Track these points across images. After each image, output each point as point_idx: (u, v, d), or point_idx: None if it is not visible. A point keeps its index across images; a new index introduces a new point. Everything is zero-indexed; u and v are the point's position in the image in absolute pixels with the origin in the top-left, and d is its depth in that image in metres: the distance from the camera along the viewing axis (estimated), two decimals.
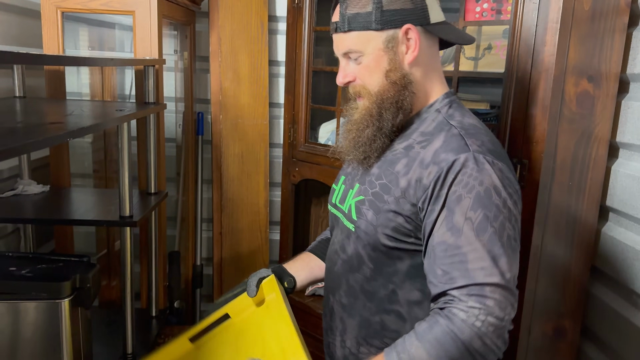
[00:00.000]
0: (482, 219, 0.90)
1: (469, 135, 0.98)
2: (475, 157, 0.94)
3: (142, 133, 1.72)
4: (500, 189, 0.92)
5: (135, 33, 1.68)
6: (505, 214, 0.92)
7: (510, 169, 0.97)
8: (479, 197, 0.91)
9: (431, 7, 1.03)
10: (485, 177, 0.92)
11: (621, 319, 1.35)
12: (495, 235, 0.90)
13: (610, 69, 1.35)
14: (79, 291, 1.24)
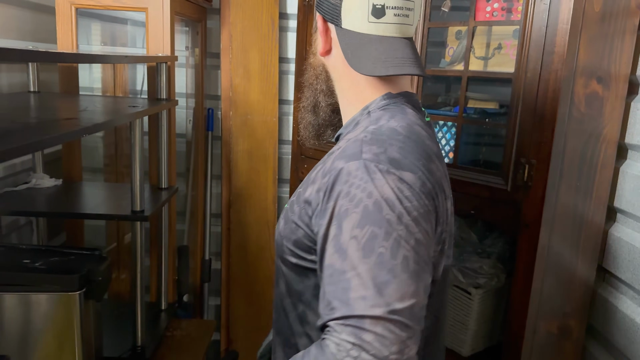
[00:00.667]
0: (369, 238, 0.74)
1: (372, 141, 0.82)
2: (366, 165, 0.78)
3: (153, 129, 1.74)
4: (394, 202, 0.76)
5: (148, 30, 1.70)
6: (401, 232, 0.75)
7: (420, 182, 0.79)
8: (367, 212, 0.75)
9: (348, 9, 0.88)
10: (375, 189, 0.76)
11: (627, 319, 1.36)
12: (384, 257, 0.73)
13: (620, 70, 1.35)
14: (91, 284, 1.26)
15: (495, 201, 1.44)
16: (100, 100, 1.62)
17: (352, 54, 0.88)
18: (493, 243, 1.72)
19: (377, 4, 0.86)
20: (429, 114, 1.70)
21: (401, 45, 0.88)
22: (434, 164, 0.84)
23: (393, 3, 0.86)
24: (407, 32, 0.89)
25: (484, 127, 1.64)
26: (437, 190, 0.82)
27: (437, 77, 1.93)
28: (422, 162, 0.82)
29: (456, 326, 1.62)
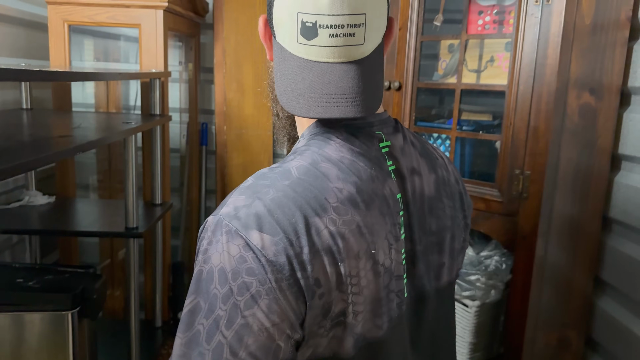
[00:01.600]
0: (192, 310, 0.63)
1: (247, 189, 0.67)
2: (218, 222, 0.64)
3: (147, 144, 1.73)
4: (227, 275, 0.61)
5: (141, 45, 1.70)
6: (222, 313, 0.61)
7: (275, 248, 0.62)
8: (199, 280, 0.64)
9: (278, 21, 0.69)
10: (215, 254, 0.63)
11: (625, 330, 1.35)
12: (199, 337, 0.62)
13: (612, 81, 1.36)
14: (85, 303, 1.25)
15: (491, 213, 1.44)
16: (94, 116, 1.61)
17: (280, 76, 0.71)
18: (490, 255, 1.71)
19: (307, 21, 0.66)
20: (425, 127, 1.71)
21: (337, 75, 0.68)
22: (326, 217, 0.65)
23: (328, 21, 0.65)
24: (351, 54, 0.68)
25: (478, 139, 1.65)
26: (311, 256, 0.63)
27: (431, 89, 1.94)
28: (296, 219, 0.63)
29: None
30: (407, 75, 1.62)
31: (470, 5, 1.51)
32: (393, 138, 0.76)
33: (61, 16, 1.69)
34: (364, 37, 0.68)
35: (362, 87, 0.68)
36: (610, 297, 1.46)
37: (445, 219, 0.81)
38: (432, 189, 0.79)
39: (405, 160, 0.76)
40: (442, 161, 0.85)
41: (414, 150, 0.79)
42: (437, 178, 0.81)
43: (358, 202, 0.67)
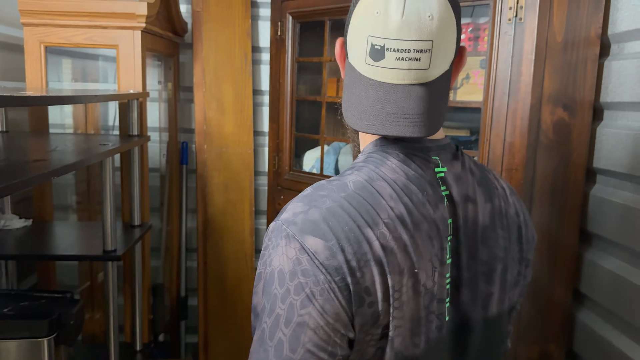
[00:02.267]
0: (260, 310, 0.69)
1: (304, 197, 0.73)
2: (278, 227, 0.70)
3: (125, 165, 1.72)
4: (285, 276, 0.67)
5: (119, 66, 1.69)
6: (281, 312, 0.66)
7: (328, 252, 0.67)
8: (264, 282, 0.70)
9: (351, 43, 0.75)
10: (275, 257, 0.69)
11: (604, 342, 1.37)
12: (264, 335, 0.67)
13: (584, 97, 1.39)
14: (62, 329, 1.23)
15: None
16: (71, 138, 1.60)
17: (348, 93, 0.76)
18: None
19: (376, 44, 0.70)
20: None
21: (399, 96, 0.71)
22: (378, 230, 0.69)
23: (395, 45, 0.69)
24: (415, 77, 0.71)
25: None
26: (362, 264, 0.67)
27: None
28: (350, 228, 0.68)
29: None
30: None
31: None
32: (450, 164, 0.79)
33: (37, 37, 1.68)
34: (430, 63, 0.71)
35: (422, 109, 0.71)
36: (589, 310, 1.48)
37: (497, 250, 0.81)
38: (486, 218, 0.80)
39: (460, 187, 0.78)
40: (503, 192, 0.85)
41: (472, 178, 0.80)
42: (493, 208, 0.82)
43: (407, 222, 0.71)
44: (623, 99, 1.34)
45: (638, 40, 1.31)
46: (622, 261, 1.34)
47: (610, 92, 1.39)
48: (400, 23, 0.69)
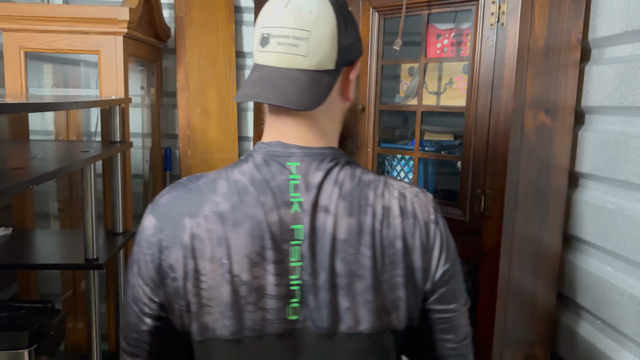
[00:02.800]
0: None
1: (177, 182, 0.87)
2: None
3: (108, 172, 1.70)
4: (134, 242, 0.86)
5: (101, 72, 1.68)
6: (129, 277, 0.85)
7: (152, 229, 0.80)
8: None
9: (254, 38, 0.87)
10: None
11: (588, 345, 1.38)
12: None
13: (566, 102, 1.41)
14: (43, 339, 1.20)
15: (455, 232, 1.45)
16: (52, 145, 1.57)
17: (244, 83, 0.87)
18: None
19: (264, 33, 0.83)
20: (388, 148, 1.72)
21: (277, 75, 0.81)
22: (195, 220, 0.79)
23: (277, 32, 0.81)
24: (292, 62, 0.81)
25: (441, 160, 1.67)
26: (171, 245, 0.79)
27: (393, 111, 1.97)
28: (175, 214, 0.80)
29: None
30: (369, 97, 1.64)
31: (428, 29, 1.54)
32: (309, 173, 0.83)
33: (17, 43, 1.66)
34: (307, 51, 0.81)
35: (292, 87, 0.81)
36: (573, 313, 1.49)
37: (356, 266, 0.81)
38: (343, 232, 0.81)
39: (313, 196, 0.82)
40: (383, 212, 0.83)
41: (335, 190, 0.82)
42: (358, 224, 0.82)
43: (228, 218, 0.79)
44: (603, 103, 1.35)
45: (618, 45, 1.33)
46: (605, 264, 1.36)
47: (591, 96, 1.40)
48: (282, 12, 0.81)
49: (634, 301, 1.21)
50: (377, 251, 0.82)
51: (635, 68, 1.24)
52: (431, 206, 0.87)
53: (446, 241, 0.87)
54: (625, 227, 1.25)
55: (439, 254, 0.86)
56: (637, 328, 1.20)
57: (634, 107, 1.25)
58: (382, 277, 0.83)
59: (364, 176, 0.86)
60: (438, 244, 0.86)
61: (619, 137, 1.29)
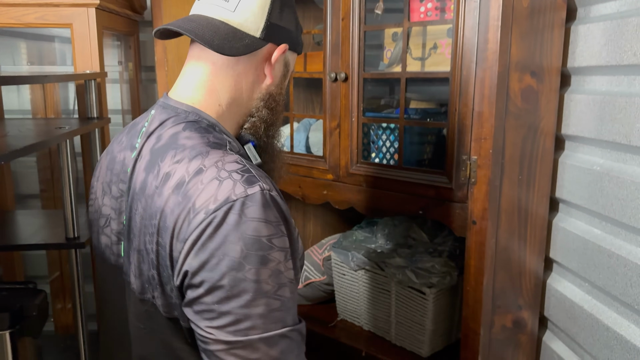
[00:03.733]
0: None
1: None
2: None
3: (86, 149, 1.66)
4: None
5: (74, 46, 1.62)
6: None
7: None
8: None
9: None
10: None
11: (576, 307, 1.38)
12: None
13: (552, 63, 1.38)
14: (24, 320, 1.18)
15: (441, 200, 1.44)
16: (27, 123, 1.53)
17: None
18: (443, 241, 1.72)
19: None
20: (373, 117, 1.69)
21: (200, 19, 0.85)
22: (104, 158, 0.95)
23: None
24: (219, 13, 0.86)
25: (427, 127, 1.65)
26: (96, 174, 0.96)
27: (380, 79, 1.93)
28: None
29: (413, 327, 1.61)
30: (352, 66, 1.60)
31: None
32: (153, 124, 0.86)
33: None
34: (235, 7, 0.86)
35: (207, 28, 0.83)
36: (561, 276, 1.49)
37: (136, 222, 0.81)
38: (138, 185, 0.82)
39: (141, 145, 0.85)
40: (164, 179, 0.79)
41: (151, 144, 0.84)
42: (144, 181, 0.81)
43: (107, 151, 0.94)
44: (590, 63, 1.33)
45: (604, 2, 1.30)
46: (592, 226, 1.35)
47: (577, 56, 1.37)
48: None
49: (621, 262, 1.21)
50: (145, 214, 0.79)
51: (622, 25, 1.21)
52: (230, 201, 0.73)
53: (217, 244, 0.71)
54: (612, 188, 1.24)
55: (193, 250, 0.73)
56: (624, 289, 1.20)
57: (620, 66, 1.22)
58: (144, 244, 0.79)
59: (185, 140, 0.81)
60: (199, 239, 0.72)
61: (605, 97, 1.27)
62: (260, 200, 0.73)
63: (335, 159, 1.67)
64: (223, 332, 0.71)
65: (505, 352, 1.49)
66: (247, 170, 0.77)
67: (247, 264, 0.70)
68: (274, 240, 0.73)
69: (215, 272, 0.71)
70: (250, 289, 0.71)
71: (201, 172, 0.75)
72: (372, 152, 1.77)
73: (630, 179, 1.18)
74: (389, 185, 1.55)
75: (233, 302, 0.70)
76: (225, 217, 0.71)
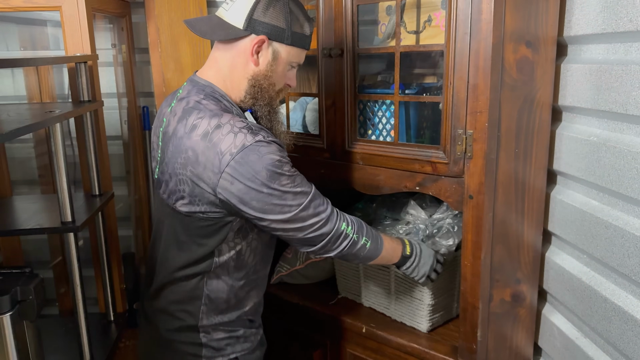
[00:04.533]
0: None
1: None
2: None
3: (80, 133, 1.65)
4: None
5: (64, 29, 1.60)
6: None
7: None
8: None
9: None
10: None
11: (575, 280, 1.37)
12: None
13: (547, 33, 1.35)
14: (21, 304, 1.18)
15: (438, 175, 1.42)
16: (19, 108, 1.52)
17: None
18: (442, 217, 1.71)
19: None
20: (368, 94, 1.68)
21: (203, 18, 1.26)
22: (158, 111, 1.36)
23: None
24: (220, 13, 1.22)
25: (423, 102, 1.63)
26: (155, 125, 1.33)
27: (374, 55, 1.90)
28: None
29: (413, 303, 1.61)
30: (346, 41, 1.58)
31: None
32: (185, 92, 1.24)
33: None
34: (230, 8, 1.20)
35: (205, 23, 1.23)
36: (559, 249, 1.48)
37: (168, 161, 1.20)
38: (171, 128, 1.21)
39: (175, 104, 1.24)
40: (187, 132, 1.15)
41: (185, 106, 1.20)
42: (175, 127, 1.19)
43: (160, 106, 1.35)
44: (586, 32, 1.30)
45: None
46: (590, 198, 1.34)
47: (573, 25, 1.35)
48: None
49: (619, 233, 1.19)
50: (175, 150, 1.17)
51: None
52: (247, 146, 1.09)
53: (250, 173, 1.09)
54: (610, 158, 1.22)
55: (231, 180, 1.11)
56: (622, 260, 1.19)
57: (617, 33, 1.19)
58: (173, 168, 1.18)
59: (205, 104, 1.17)
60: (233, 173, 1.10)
61: (602, 65, 1.24)
62: (264, 142, 1.12)
63: (331, 137, 1.65)
64: (274, 215, 1.15)
65: (505, 325, 1.49)
66: (250, 127, 1.13)
67: (272, 179, 1.11)
68: (283, 161, 1.14)
69: (254, 192, 1.11)
70: (277, 193, 1.13)
71: (220, 127, 1.11)
72: (369, 129, 1.75)
73: (627, 149, 1.16)
74: (385, 162, 1.53)
75: (272, 199, 1.13)
76: (247, 156, 1.09)
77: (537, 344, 1.57)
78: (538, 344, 1.57)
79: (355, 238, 1.26)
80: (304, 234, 1.19)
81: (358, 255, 1.29)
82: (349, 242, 1.24)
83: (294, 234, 1.19)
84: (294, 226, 1.17)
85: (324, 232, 1.20)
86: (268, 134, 1.15)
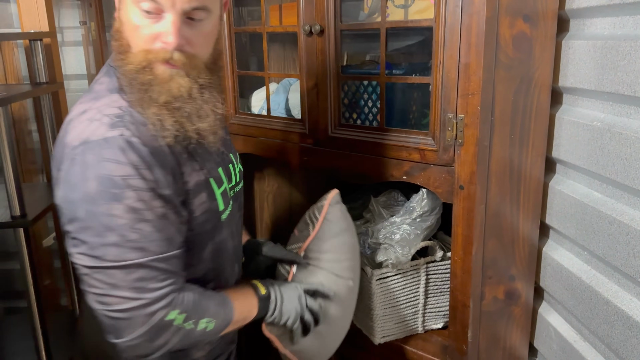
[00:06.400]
0: None
1: None
2: None
3: (40, 117, 1.52)
4: None
5: (19, 3, 1.46)
6: None
7: None
8: None
9: None
10: None
11: (574, 278, 1.26)
12: None
13: (547, 5, 1.22)
14: None
15: (426, 164, 1.31)
16: None
17: None
18: (398, 222, 1.59)
19: None
20: (352, 74, 1.55)
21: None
22: None
23: None
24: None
25: (411, 84, 1.50)
26: None
27: (361, 35, 1.77)
28: None
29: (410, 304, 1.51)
30: (328, 17, 1.44)
31: None
32: None
33: None
34: None
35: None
36: (558, 244, 1.37)
37: None
38: None
39: None
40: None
41: None
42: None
43: None
44: (590, 4, 1.17)
45: None
46: (592, 189, 1.22)
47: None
48: None
49: (623, 230, 1.08)
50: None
51: None
52: (89, 141, 0.81)
53: (76, 179, 0.81)
54: (614, 146, 1.10)
55: (59, 181, 0.85)
56: (626, 259, 1.07)
57: (625, 4, 1.06)
58: None
59: (97, 82, 0.92)
60: (61, 172, 0.84)
61: (608, 42, 1.11)
62: (117, 143, 0.80)
63: (314, 122, 1.53)
64: (84, 258, 0.82)
65: (498, 324, 1.39)
66: (121, 117, 0.84)
67: (101, 199, 0.79)
68: (130, 181, 0.81)
69: (73, 205, 0.81)
70: (102, 221, 0.80)
71: (84, 113, 0.84)
72: (354, 113, 1.63)
73: (634, 136, 1.04)
74: (371, 149, 1.41)
75: (89, 232, 0.80)
76: (84, 155, 0.79)
77: (533, 344, 1.47)
78: (534, 345, 1.47)
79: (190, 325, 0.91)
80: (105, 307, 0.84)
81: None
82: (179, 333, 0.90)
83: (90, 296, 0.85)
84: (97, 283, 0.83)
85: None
86: (141, 131, 0.84)
